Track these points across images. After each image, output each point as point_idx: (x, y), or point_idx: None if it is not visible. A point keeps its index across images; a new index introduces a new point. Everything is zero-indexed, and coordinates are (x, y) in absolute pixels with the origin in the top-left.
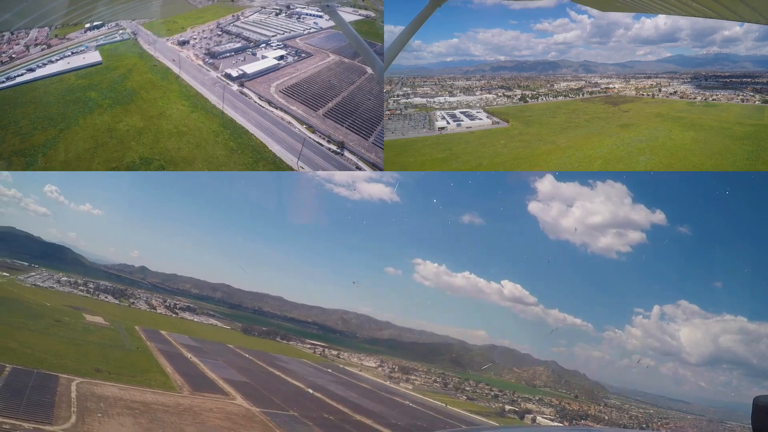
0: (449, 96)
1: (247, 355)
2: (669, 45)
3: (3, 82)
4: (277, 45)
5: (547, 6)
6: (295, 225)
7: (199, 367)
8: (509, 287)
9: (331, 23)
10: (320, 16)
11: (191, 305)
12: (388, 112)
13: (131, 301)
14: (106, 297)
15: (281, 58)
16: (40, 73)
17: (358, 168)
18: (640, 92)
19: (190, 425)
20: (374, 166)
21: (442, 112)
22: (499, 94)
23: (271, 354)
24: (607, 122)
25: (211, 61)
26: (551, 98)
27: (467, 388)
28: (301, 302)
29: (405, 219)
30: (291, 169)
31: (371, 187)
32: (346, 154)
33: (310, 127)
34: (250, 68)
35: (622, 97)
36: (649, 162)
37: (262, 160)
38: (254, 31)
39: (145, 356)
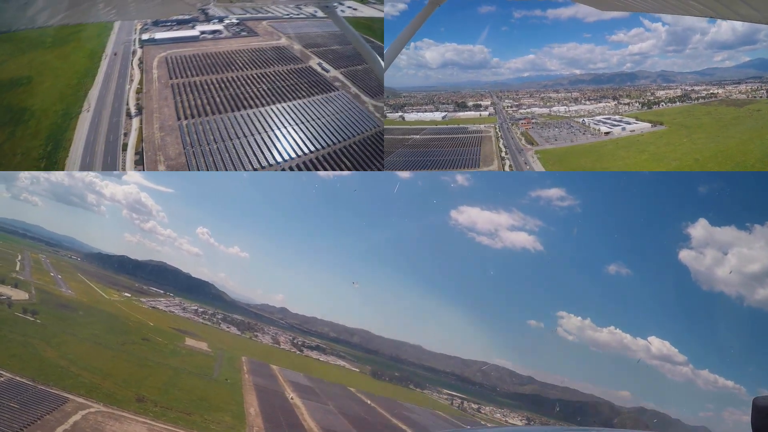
0: (562, 106)
1: (368, 401)
2: (747, 48)
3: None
4: (231, 22)
5: (622, 17)
6: (436, 275)
7: (297, 410)
8: (657, 344)
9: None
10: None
11: (321, 345)
12: (523, 121)
13: (255, 334)
14: (229, 328)
15: (213, 33)
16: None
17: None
18: (750, 95)
19: None
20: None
21: (587, 119)
22: (611, 103)
23: (399, 402)
24: (755, 119)
25: (147, 26)
26: (668, 104)
27: None
28: (440, 352)
29: (549, 269)
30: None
31: (514, 235)
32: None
33: (139, 89)
34: (163, 35)
35: (737, 100)
36: None
37: (71, 97)
38: (231, 11)
39: (231, 390)
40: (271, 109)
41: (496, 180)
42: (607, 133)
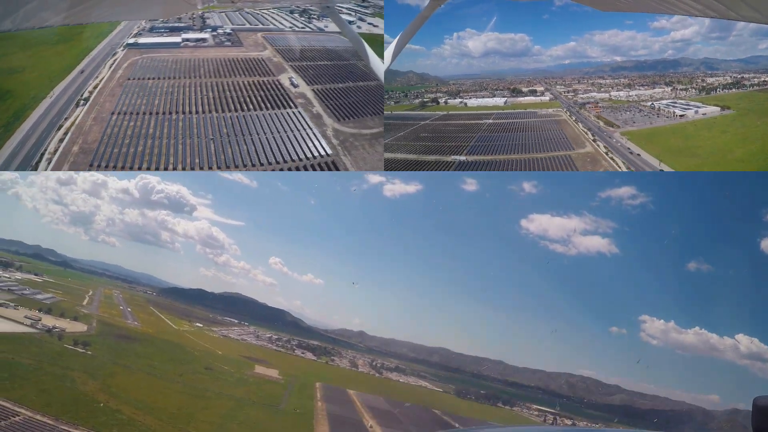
0: (621, 91)
1: (456, 425)
2: None
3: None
4: (224, 32)
5: None
6: (512, 286)
7: None
8: (745, 342)
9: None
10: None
11: (401, 366)
12: (590, 105)
13: (332, 358)
14: (303, 353)
15: (197, 41)
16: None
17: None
18: None
19: None
20: None
21: (656, 103)
22: (666, 89)
23: (489, 422)
24: None
25: (139, 32)
26: (723, 90)
27: None
28: (523, 366)
29: (627, 272)
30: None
31: (587, 240)
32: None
33: (97, 84)
34: (146, 40)
35: None
36: None
37: (44, 85)
38: (229, 19)
39: (299, 421)
40: (203, 117)
41: (562, 183)
42: (681, 116)
